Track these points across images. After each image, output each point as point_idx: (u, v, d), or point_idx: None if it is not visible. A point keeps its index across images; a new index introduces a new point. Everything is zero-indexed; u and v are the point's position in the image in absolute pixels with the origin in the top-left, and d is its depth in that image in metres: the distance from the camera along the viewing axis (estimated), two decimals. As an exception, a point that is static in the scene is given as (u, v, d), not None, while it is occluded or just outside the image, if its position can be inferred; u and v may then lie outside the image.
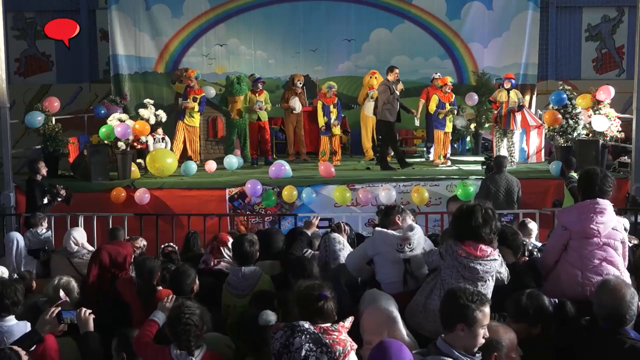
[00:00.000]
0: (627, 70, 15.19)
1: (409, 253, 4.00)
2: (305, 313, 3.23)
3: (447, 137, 12.15)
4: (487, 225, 3.71)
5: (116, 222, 8.37)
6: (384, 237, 4.10)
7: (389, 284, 4.05)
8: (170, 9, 14.22)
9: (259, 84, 11.99)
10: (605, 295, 3.42)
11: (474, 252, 3.68)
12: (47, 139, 11.00)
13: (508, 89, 11.54)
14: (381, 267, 4.12)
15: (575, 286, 4.00)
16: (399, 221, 4.47)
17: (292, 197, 9.85)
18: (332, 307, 3.25)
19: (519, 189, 8.80)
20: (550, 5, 15.19)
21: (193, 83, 12.03)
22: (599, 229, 4.08)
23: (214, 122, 13.09)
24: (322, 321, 3.21)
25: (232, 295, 4.54)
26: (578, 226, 4.14)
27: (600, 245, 4.09)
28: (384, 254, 4.07)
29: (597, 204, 4.13)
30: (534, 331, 3.45)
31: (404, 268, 3.99)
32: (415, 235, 4.05)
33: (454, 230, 3.91)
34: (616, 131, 10.85)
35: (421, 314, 3.62)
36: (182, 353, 3.55)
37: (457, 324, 3.00)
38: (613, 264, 4.07)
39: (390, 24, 14.40)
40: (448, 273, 3.74)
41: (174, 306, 3.80)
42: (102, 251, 5.39)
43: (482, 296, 3.11)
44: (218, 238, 5.35)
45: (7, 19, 12.35)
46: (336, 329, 3.18)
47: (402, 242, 4.02)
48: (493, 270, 3.75)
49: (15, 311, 4.18)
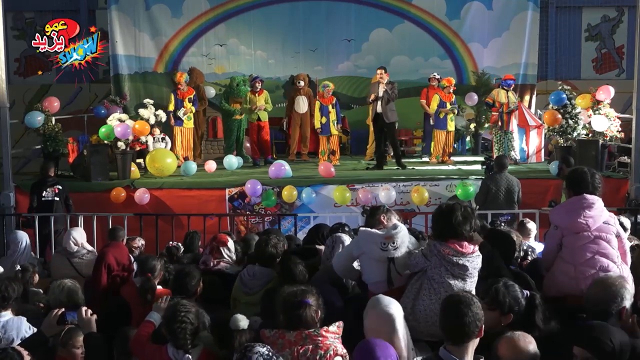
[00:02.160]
0: (626, 70, 15.19)
1: (393, 252, 3.97)
2: (287, 319, 3.27)
3: (450, 137, 12.18)
4: (467, 222, 3.75)
5: (116, 222, 8.36)
6: (368, 236, 4.09)
7: (375, 284, 4.04)
8: (170, 9, 14.22)
9: (256, 84, 11.98)
10: (595, 289, 3.48)
11: (460, 249, 3.72)
12: (47, 139, 11.00)
13: (507, 90, 11.57)
14: (366, 266, 4.11)
15: (570, 281, 4.01)
16: (384, 220, 4.49)
17: (292, 197, 9.86)
18: (312, 315, 3.27)
19: (519, 189, 8.79)
20: (550, 5, 15.19)
21: (183, 86, 11.94)
22: (588, 223, 4.09)
23: (214, 122, 13.12)
24: (303, 327, 3.22)
25: (240, 290, 4.55)
26: (567, 222, 4.17)
27: (592, 239, 4.09)
28: (368, 253, 4.06)
29: (585, 198, 4.15)
30: (504, 320, 3.44)
31: (388, 267, 3.98)
32: (399, 234, 4.02)
33: (434, 229, 3.92)
34: (616, 131, 10.85)
35: (410, 317, 3.61)
36: (179, 352, 3.55)
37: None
38: (607, 256, 4.07)
39: (390, 24, 14.40)
40: (436, 272, 3.74)
41: (169, 305, 3.81)
42: (107, 254, 5.38)
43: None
44: (217, 238, 5.35)
45: (7, 19, 12.35)
46: (319, 334, 3.19)
47: (386, 240, 3.99)
48: (479, 266, 3.80)
49: (6, 306, 4.22)
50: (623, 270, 4.08)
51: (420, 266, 3.85)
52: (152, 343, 3.73)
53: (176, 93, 11.95)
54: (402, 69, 14.11)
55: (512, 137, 11.85)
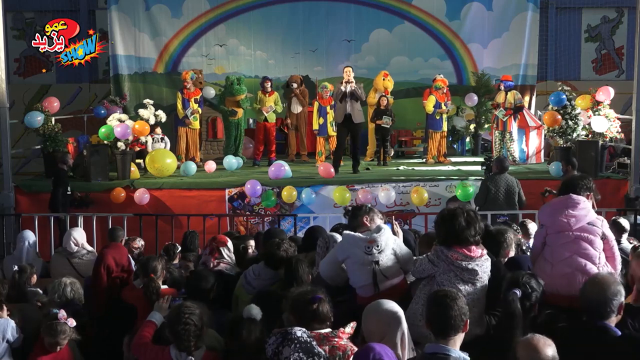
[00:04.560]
0: (626, 71, 15.19)
1: (377, 255, 3.93)
2: (301, 318, 3.23)
3: (442, 137, 12.26)
4: (470, 227, 3.70)
5: (116, 222, 8.36)
6: (351, 240, 4.06)
7: (361, 288, 4.03)
8: (170, 9, 14.22)
9: (266, 84, 11.97)
10: (589, 288, 3.48)
11: (469, 253, 3.68)
12: (46, 139, 10.99)
13: (506, 91, 11.60)
14: (352, 271, 4.08)
15: (546, 279, 3.95)
16: (367, 222, 4.37)
17: (292, 198, 9.86)
18: (328, 309, 3.25)
19: (519, 189, 8.79)
20: (550, 6, 15.19)
21: (189, 85, 12.01)
22: (570, 222, 4.07)
23: (214, 122, 13.13)
24: (318, 325, 3.20)
25: (243, 288, 4.54)
26: (551, 220, 4.17)
27: (573, 239, 4.06)
28: (352, 257, 4.03)
29: (570, 198, 4.15)
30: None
31: (373, 270, 3.95)
32: (382, 237, 3.98)
33: (438, 236, 3.88)
34: (615, 132, 10.86)
35: (420, 322, 3.59)
36: (182, 354, 3.53)
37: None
38: (586, 257, 4.01)
39: (390, 25, 14.40)
40: (445, 278, 3.69)
41: (173, 307, 3.78)
42: (106, 256, 5.37)
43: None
44: (217, 239, 5.34)
45: (7, 19, 12.36)
46: (336, 335, 3.18)
47: (369, 244, 3.96)
48: (488, 270, 3.76)
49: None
50: (602, 272, 3.99)
51: (427, 272, 3.80)
52: (154, 344, 3.71)
53: (183, 92, 11.97)
54: (402, 70, 14.12)
55: (512, 138, 11.85)
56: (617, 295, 3.39)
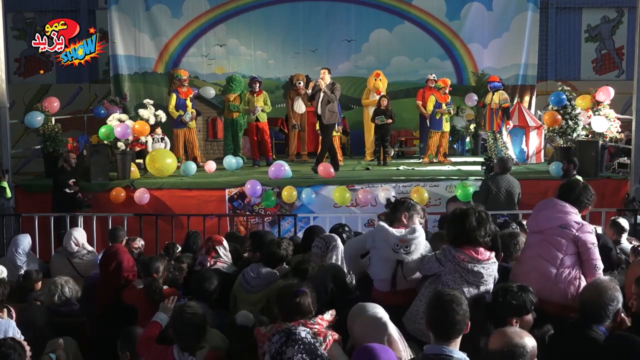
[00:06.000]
0: (626, 71, 15.20)
1: (404, 256, 3.90)
2: (284, 310, 3.31)
3: (444, 137, 12.25)
4: (481, 228, 3.68)
5: (116, 222, 8.37)
6: (383, 234, 4.01)
7: (379, 281, 4.03)
8: (170, 9, 14.22)
9: (254, 84, 11.96)
10: (587, 291, 3.53)
11: (476, 255, 3.66)
12: (46, 139, 10.99)
13: (492, 91, 11.62)
14: (375, 262, 4.07)
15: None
16: (404, 219, 4.22)
17: (292, 198, 9.86)
18: (309, 303, 3.34)
19: (519, 191, 8.79)
20: (550, 6, 15.20)
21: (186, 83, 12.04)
22: (538, 223, 4.09)
23: (214, 122, 13.13)
24: (300, 317, 3.27)
25: (241, 287, 4.54)
26: (529, 221, 4.29)
27: (538, 240, 4.04)
28: (379, 250, 4.01)
29: (548, 200, 4.17)
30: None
31: (395, 268, 3.94)
32: (415, 240, 3.93)
33: (448, 235, 3.86)
34: (615, 132, 10.86)
35: (422, 320, 3.59)
36: (184, 353, 3.54)
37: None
38: (547, 259, 3.93)
39: (390, 25, 14.39)
40: (450, 278, 3.68)
41: (176, 307, 3.80)
42: (122, 254, 5.33)
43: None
44: (212, 238, 5.35)
45: (7, 19, 12.36)
46: (315, 322, 3.27)
47: (400, 243, 3.92)
48: (494, 273, 3.75)
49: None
50: (559, 275, 3.90)
51: (434, 271, 3.80)
52: (158, 344, 3.73)
53: (178, 92, 11.97)
54: (401, 70, 14.13)
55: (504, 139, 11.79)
56: (613, 301, 3.42)
